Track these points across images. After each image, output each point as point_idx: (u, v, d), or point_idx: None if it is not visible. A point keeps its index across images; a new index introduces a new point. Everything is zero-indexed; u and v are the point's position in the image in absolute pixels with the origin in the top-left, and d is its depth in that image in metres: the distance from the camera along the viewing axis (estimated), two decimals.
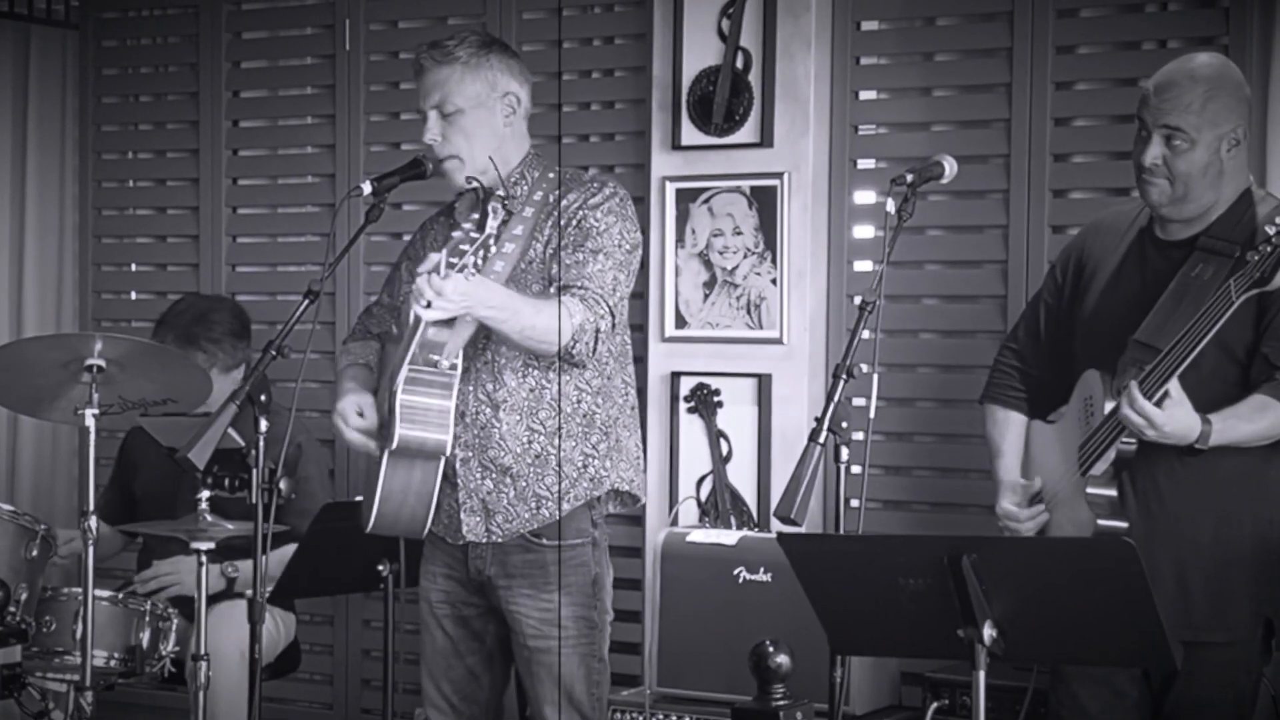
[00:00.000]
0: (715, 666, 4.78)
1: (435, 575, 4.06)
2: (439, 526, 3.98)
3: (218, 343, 5.08)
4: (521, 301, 3.77)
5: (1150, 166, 3.70)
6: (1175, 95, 3.68)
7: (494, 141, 3.96)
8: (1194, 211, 3.74)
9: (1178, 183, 3.70)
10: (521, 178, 4.00)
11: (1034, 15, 4.87)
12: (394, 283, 4.17)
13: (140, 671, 4.66)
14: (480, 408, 3.91)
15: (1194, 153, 3.69)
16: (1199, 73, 3.72)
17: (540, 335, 3.77)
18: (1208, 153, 3.69)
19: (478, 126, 3.95)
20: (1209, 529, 3.71)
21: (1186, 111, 3.67)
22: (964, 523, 4.96)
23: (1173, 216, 3.76)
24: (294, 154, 6.07)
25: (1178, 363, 3.52)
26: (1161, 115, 3.69)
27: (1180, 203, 3.73)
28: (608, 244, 3.88)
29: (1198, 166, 3.69)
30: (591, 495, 3.96)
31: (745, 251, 5.11)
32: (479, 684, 4.09)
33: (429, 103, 3.94)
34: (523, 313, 3.74)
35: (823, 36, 5.08)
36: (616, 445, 4.00)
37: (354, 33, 5.85)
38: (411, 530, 3.91)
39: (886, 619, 3.28)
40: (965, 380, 4.85)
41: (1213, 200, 3.74)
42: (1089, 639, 3.19)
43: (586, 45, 5.56)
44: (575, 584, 3.96)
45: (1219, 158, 3.71)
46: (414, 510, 3.87)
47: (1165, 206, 3.74)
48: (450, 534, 3.98)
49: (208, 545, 4.38)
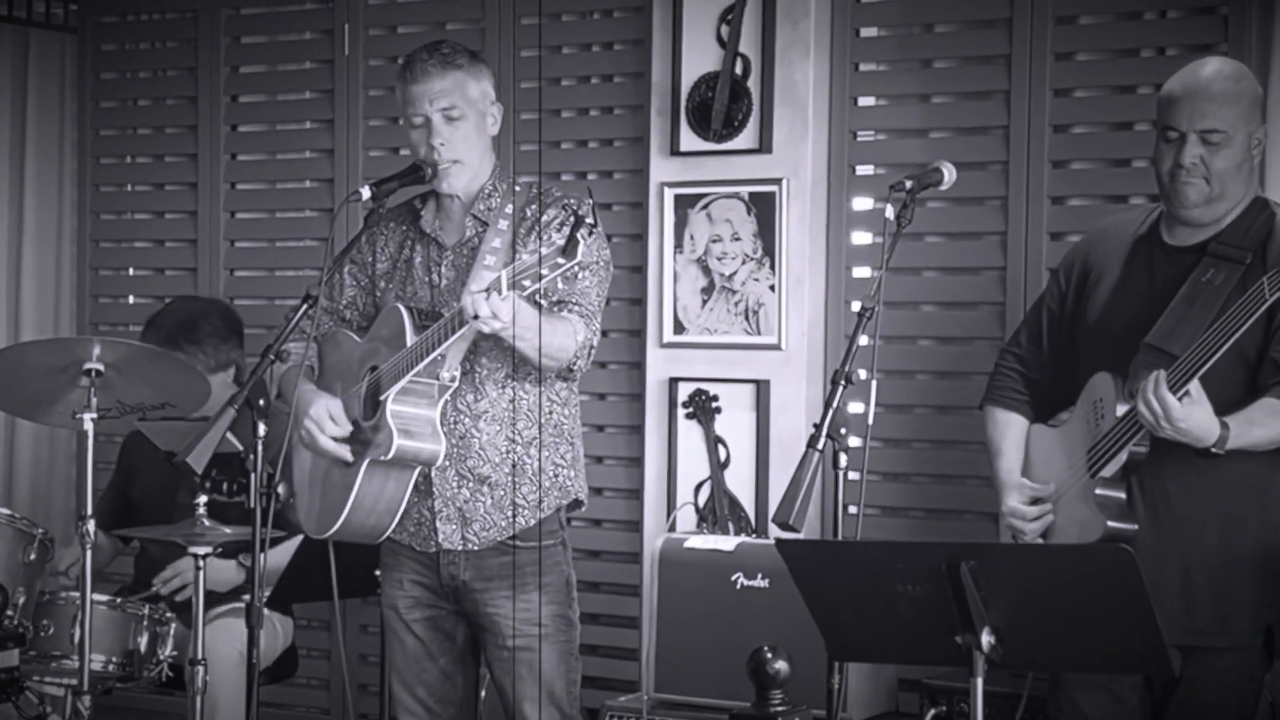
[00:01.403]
0: (713, 672, 4.78)
1: (402, 582, 4.08)
2: (404, 535, 4.01)
3: (199, 344, 5.07)
4: (544, 320, 3.81)
5: (1190, 166, 3.72)
6: (1209, 95, 3.72)
7: (483, 149, 4.01)
8: (1224, 210, 3.77)
9: (1215, 181, 3.74)
10: (494, 189, 4.02)
11: (1033, 22, 4.87)
12: (334, 285, 4.16)
13: (138, 676, 4.66)
14: (459, 418, 3.94)
15: (1231, 150, 3.73)
16: (1226, 72, 3.77)
17: (554, 353, 3.84)
18: (1242, 150, 3.74)
19: (478, 132, 3.99)
20: (1214, 534, 3.72)
21: (1223, 110, 3.71)
22: (962, 529, 4.97)
23: (1203, 218, 3.77)
24: (293, 159, 6.07)
25: (1203, 360, 3.53)
26: (1199, 116, 3.71)
27: (1216, 202, 3.76)
28: (589, 260, 3.90)
29: (1234, 164, 3.74)
30: (561, 503, 4.03)
31: (744, 257, 5.11)
32: (453, 685, 4.12)
33: (435, 106, 3.94)
34: (544, 331, 3.80)
35: (822, 42, 5.09)
36: (578, 455, 4.08)
37: (353, 38, 5.86)
38: (370, 538, 3.97)
39: (884, 625, 3.28)
40: (963, 386, 4.85)
41: (1242, 196, 3.77)
42: (1087, 646, 3.18)
43: (585, 50, 5.57)
44: (552, 583, 4.01)
45: (1249, 155, 3.77)
46: (379, 519, 3.93)
47: (1200, 207, 3.76)
48: (419, 541, 4.01)
49: (205, 549, 4.38)
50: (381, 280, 4.09)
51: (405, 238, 4.08)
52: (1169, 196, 3.80)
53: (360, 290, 4.14)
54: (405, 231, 4.08)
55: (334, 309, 4.15)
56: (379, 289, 4.09)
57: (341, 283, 4.15)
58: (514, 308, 3.64)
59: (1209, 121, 3.71)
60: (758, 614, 4.72)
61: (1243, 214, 3.77)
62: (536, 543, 3.97)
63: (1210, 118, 3.71)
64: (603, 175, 5.50)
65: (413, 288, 4.02)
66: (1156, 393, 3.52)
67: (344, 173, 5.86)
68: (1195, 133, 3.72)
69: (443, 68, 3.94)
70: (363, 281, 4.13)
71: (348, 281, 4.15)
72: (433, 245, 4.03)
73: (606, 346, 5.29)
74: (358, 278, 4.14)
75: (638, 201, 5.35)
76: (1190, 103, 3.73)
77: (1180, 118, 3.74)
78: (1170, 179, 3.76)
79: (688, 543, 4.95)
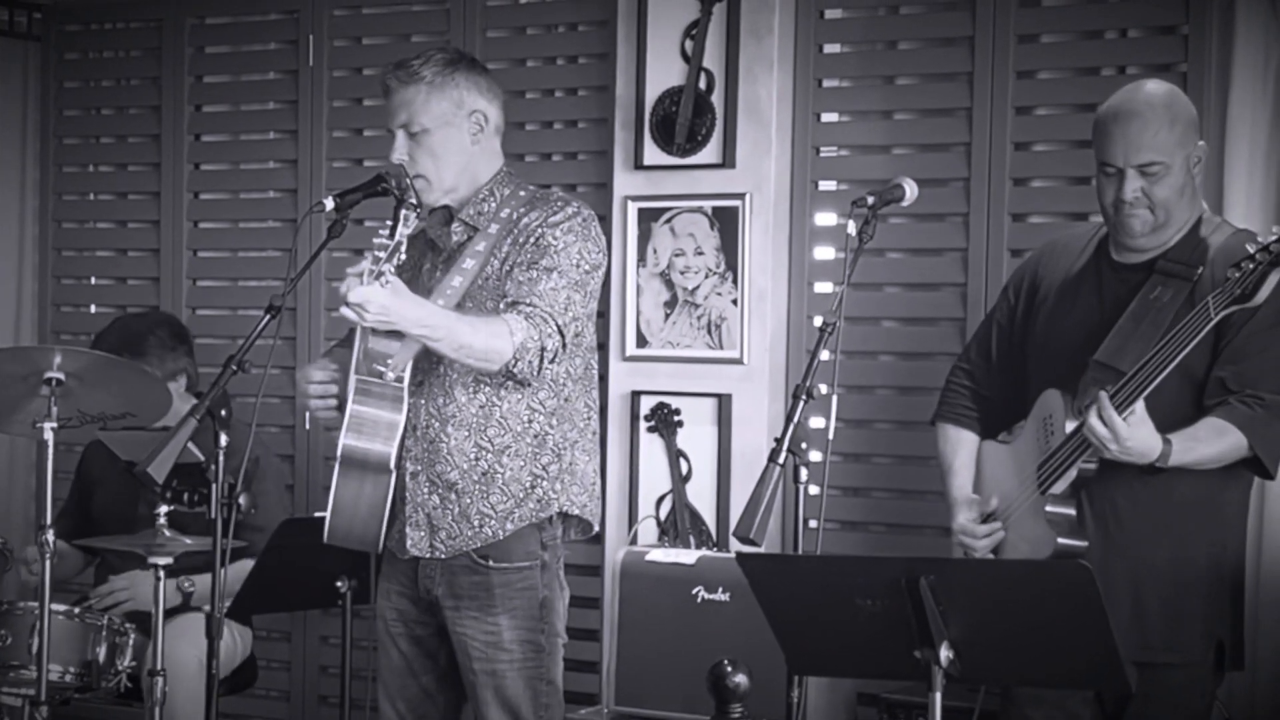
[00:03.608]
0: (673, 686, 4.79)
1: (390, 593, 4.06)
2: (391, 541, 3.99)
3: (144, 357, 5.06)
4: (455, 319, 3.75)
5: (1132, 200, 3.73)
6: (1142, 126, 3.71)
7: (461, 160, 3.97)
8: (1170, 234, 3.78)
9: (1159, 209, 3.74)
10: (490, 195, 4.00)
11: (995, 40, 4.90)
12: None
13: (96, 686, 4.64)
14: (430, 422, 3.92)
15: (1171, 178, 3.73)
16: (1156, 99, 3.75)
17: (477, 354, 3.76)
18: (1182, 175, 3.74)
19: (444, 146, 3.95)
20: (1165, 551, 3.74)
21: (1158, 140, 3.71)
22: (921, 544, 4.99)
23: (1151, 245, 3.79)
24: (256, 169, 6.06)
25: (1149, 379, 3.55)
26: (1134, 151, 3.71)
27: (1162, 229, 3.77)
28: (563, 263, 3.87)
29: (1175, 189, 3.74)
30: (538, 517, 3.95)
31: (706, 271, 5.13)
32: (433, 703, 4.09)
33: (395, 122, 3.94)
34: (457, 330, 3.73)
35: (785, 58, 5.11)
36: (569, 468, 3.98)
37: (317, 49, 5.86)
38: (365, 543, 3.93)
39: (844, 639, 3.29)
40: (924, 402, 4.84)
41: (1187, 218, 3.78)
42: (1045, 661, 3.20)
43: (550, 64, 5.58)
44: (520, 607, 3.95)
45: (1190, 177, 3.76)
46: (366, 523, 3.89)
47: (1146, 236, 3.77)
48: (399, 549, 3.99)
49: (166, 560, 4.37)
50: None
51: (425, 245, 4.08)
52: (1114, 228, 3.82)
53: None
54: (425, 237, 4.08)
55: None
56: None
57: None
58: (375, 295, 3.56)
59: (1146, 155, 3.71)
60: (718, 627, 4.73)
61: (1189, 232, 3.79)
62: (506, 563, 3.92)
63: (1146, 150, 3.71)
64: (567, 188, 5.50)
65: (417, 292, 4.00)
66: (1104, 415, 3.54)
67: (307, 183, 5.85)
68: (1133, 167, 3.72)
69: (402, 83, 3.94)
70: None
71: None
72: (435, 251, 4.03)
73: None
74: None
75: (601, 215, 5.33)
76: (1123, 137, 3.72)
77: (1116, 153, 3.73)
78: (1115, 211, 3.77)
79: (649, 556, 4.95)
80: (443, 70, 3.95)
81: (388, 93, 3.97)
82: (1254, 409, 3.65)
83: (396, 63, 4.00)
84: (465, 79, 3.97)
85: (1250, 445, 3.66)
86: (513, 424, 3.91)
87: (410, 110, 3.92)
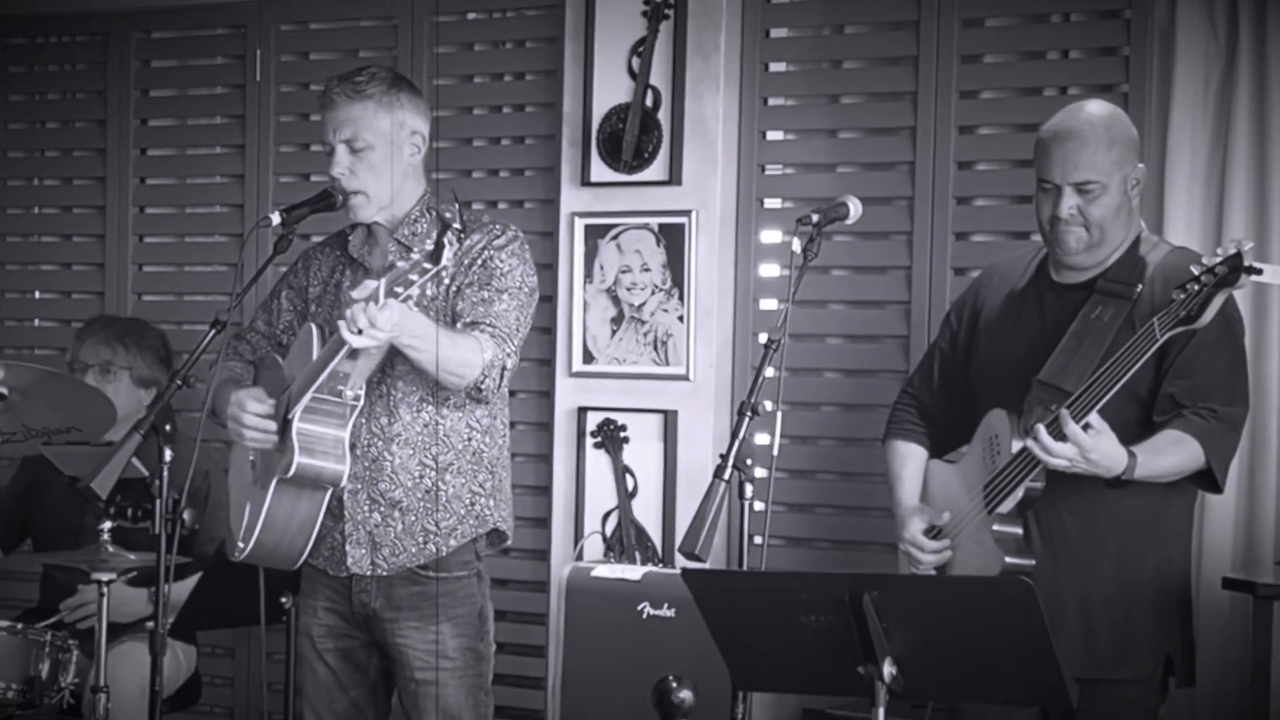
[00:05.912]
0: (619, 701, 4.79)
1: (316, 609, 4.07)
2: (320, 559, 4.00)
3: (140, 352, 5.08)
4: (441, 333, 3.79)
5: (1068, 217, 3.76)
6: (1080, 145, 3.74)
7: (399, 179, 3.99)
8: (1105, 254, 3.80)
9: (1094, 229, 3.77)
10: (422, 215, 4.02)
11: (939, 60, 4.94)
12: (272, 310, 4.19)
13: (39, 703, 4.61)
14: (373, 440, 3.94)
15: (1107, 197, 3.75)
16: (1096, 119, 3.78)
17: (454, 368, 3.80)
18: (1119, 195, 3.77)
19: (385, 163, 3.97)
20: (1112, 567, 3.76)
21: (1095, 160, 3.74)
22: (865, 560, 5.00)
23: (1086, 263, 3.82)
24: (202, 183, 6.04)
25: (1096, 400, 3.56)
26: (1072, 169, 3.74)
27: (1096, 248, 3.80)
28: (511, 285, 3.93)
29: (1111, 209, 3.76)
30: (477, 532, 4.01)
31: (653, 288, 5.14)
32: (363, 717, 4.11)
33: (339, 136, 3.95)
34: (441, 344, 3.76)
35: (731, 77, 5.14)
36: (499, 485, 4.06)
37: (264, 63, 5.85)
38: (285, 562, 3.93)
39: (788, 655, 3.30)
40: (867, 419, 4.89)
41: (1123, 238, 3.81)
42: (987, 677, 3.22)
43: (498, 80, 5.58)
44: (463, 615, 4.00)
45: (1127, 198, 3.79)
46: (293, 541, 3.90)
47: (1081, 254, 3.80)
48: (333, 566, 4.00)
49: (109, 576, 4.35)
50: (313, 305, 4.10)
51: (337, 263, 4.09)
52: (1050, 244, 3.85)
53: (296, 315, 4.14)
54: (338, 257, 4.10)
55: (271, 334, 4.16)
56: (310, 313, 4.09)
57: (279, 308, 4.17)
58: (393, 315, 3.57)
59: (1082, 174, 3.74)
60: (664, 643, 4.74)
61: (1127, 251, 3.82)
62: (446, 573, 3.96)
63: (1083, 169, 3.74)
64: (514, 204, 5.52)
65: (339, 310, 4.01)
66: (1067, 431, 3.55)
67: (254, 198, 5.84)
68: (1069, 185, 3.76)
69: (349, 98, 3.95)
70: (299, 307, 4.13)
71: (285, 306, 4.15)
72: (359, 270, 4.04)
73: (516, 375, 5.29)
74: (294, 303, 4.15)
75: (548, 231, 5.37)
76: (1062, 155, 3.75)
77: (1054, 170, 3.77)
78: (1051, 227, 3.80)
79: (594, 572, 4.96)
80: (389, 89, 3.98)
81: (331, 106, 3.97)
82: (1209, 421, 3.68)
83: (341, 76, 4.01)
84: (408, 99, 4.01)
85: (1205, 457, 3.69)
86: (454, 442, 3.96)
87: (356, 126, 3.93)
